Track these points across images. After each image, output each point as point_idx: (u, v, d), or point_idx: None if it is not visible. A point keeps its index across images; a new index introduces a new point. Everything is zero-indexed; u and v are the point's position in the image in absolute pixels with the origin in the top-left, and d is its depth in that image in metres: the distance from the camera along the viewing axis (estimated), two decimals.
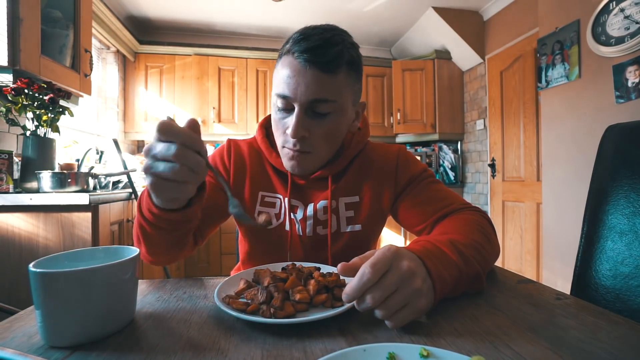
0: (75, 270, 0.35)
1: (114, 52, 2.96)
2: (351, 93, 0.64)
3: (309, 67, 0.58)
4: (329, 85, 0.59)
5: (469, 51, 3.16)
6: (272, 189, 0.74)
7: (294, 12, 3.12)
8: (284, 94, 0.60)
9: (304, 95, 0.58)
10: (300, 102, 0.59)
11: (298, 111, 0.60)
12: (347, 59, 0.60)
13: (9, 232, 1.28)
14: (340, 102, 0.61)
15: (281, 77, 0.61)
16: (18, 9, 1.35)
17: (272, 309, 0.40)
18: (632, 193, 0.57)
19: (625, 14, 1.65)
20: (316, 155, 0.65)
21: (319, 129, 0.62)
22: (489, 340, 0.36)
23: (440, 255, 0.46)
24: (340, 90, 0.61)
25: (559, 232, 2.04)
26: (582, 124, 1.89)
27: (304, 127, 0.61)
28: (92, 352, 0.34)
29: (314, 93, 0.58)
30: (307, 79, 0.58)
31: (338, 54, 0.58)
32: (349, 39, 0.63)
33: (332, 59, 0.58)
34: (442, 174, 3.51)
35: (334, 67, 0.58)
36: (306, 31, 0.60)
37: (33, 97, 1.42)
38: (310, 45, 0.57)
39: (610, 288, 0.56)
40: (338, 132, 0.65)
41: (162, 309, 0.45)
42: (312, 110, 0.61)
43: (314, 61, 0.57)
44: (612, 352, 0.33)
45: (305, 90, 0.58)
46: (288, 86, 0.59)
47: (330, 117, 0.62)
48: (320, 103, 0.60)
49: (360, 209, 0.73)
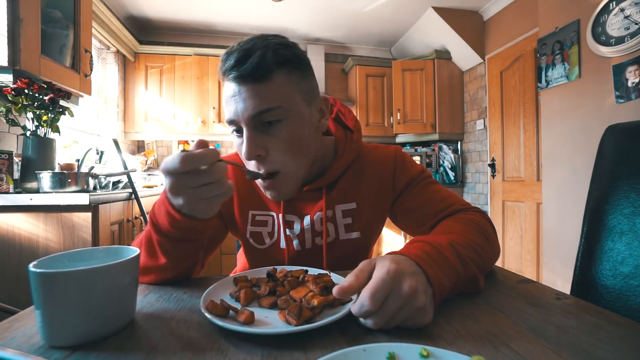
0: (75, 270, 0.35)
1: (114, 52, 2.96)
2: (298, 93, 0.59)
3: (239, 82, 0.56)
4: (266, 93, 0.56)
5: (469, 51, 3.16)
6: (262, 206, 0.72)
7: (294, 12, 3.12)
8: (230, 118, 0.58)
9: (246, 112, 0.56)
10: (245, 121, 0.56)
11: (246, 130, 0.57)
12: (277, 60, 0.56)
13: (9, 232, 1.28)
14: (287, 106, 0.57)
15: (225, 103, 0.59)
16: (18, 9, 1.35)
17: (290, 317, 0.39)
18: (632, 193, 0.57)
19: (625, 14, 1.65)
20: (288, 174, 0.61)
21: (276, 142, 0.58)
22: (489, 340, 0.36)
23: (440, 259, 0.45)
24: (281, 94, 0.57)
25: (559, 232, 2.04)
26: (582, 124, 1.89)
27: (257, 145, 0.57)
28: (92, 352, 0.34)
29: (254, 107, 0.55)
30: (243, 95, 0.56)
31: (260, 60, 0.55)
32: (275, 40, 0.59)
33: (257, 66, 0.55)
34: (442, 174, 3.51)
35: (264, 72, 0.55)
36: (229, 49, 0.58)
37: (33, 97, 1.42)
38: (233, 61, 0.56)
39: (610, 288, 0.56)
40: (299, 139, 0.60)
41: (162, 309, 0.45)
42: (261, 123, 0.57)
43: (241, 76, 0.55)
44: (612, 352, 0.33)
45: (244, 107, 0.55)
46: (230, 109, 0.57)
47: (282, 124, 0.58)
48: (264, 114, 0.56)
49: (358, 216, 0.71)
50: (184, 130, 3.19)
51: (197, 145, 0.44)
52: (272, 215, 0.71)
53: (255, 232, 0.72)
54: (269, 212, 0.71)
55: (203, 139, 0.45)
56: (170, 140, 3.40)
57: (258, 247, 0.72)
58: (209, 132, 3.22)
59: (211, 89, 3.22)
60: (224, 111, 0.60)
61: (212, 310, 0.40)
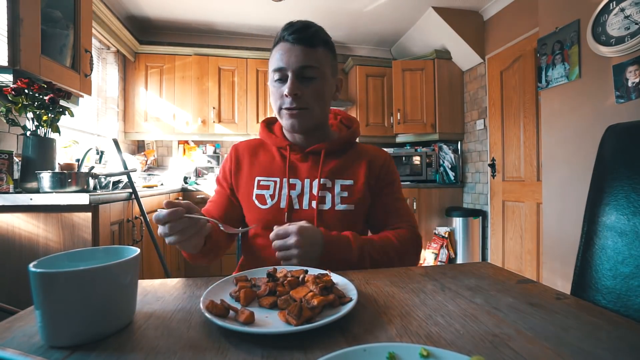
0: (75, 270, 0.35)
1: (114, 52, 2.96)
2: (329, 65, 0.83)
3: (296, 43, 0.77)
4: (312, 55, 0.78)
5: (469, 51, 3.16)
6: (268, 172, 0.86)
7: (294, 12, 3.12)
8: (280, 66, 0.78)
9: (295, 63, 0.77)
10: (292, 69, 0.77)
11: (291, 76, 0.77)
12: (324, 39, 0.81)
13: (9, 232, 1.28)
14: (322, 70, 0.79)
15: (275, 57, 0.79)
16: (18, 9, 1.35)
17: (290, 317, 0.39)
18: (632, 193, 0.57)
19: (626, 14, 1.65)
20: (311, 112, 0.80)
21: (308, 89, 0.78)
22: (489, 340, 0.36)
23: (342, 238, 0.72)
24: (321, 60, 0.79)
25: (559, 232, 2.04)
26: (582, 124, 1.89)
27: (298, 87, 0.77)
28: (92, 352, 0.34)
29: (302, 61, 0.77)
30: (296, 52, 0.77)
31: (316, 33, 0.79)
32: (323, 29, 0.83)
33: (312, 36, 0.78)
34: (442, 174, 3.50)
35: (315, 42, 0.78)
36: (291, 22, 0.80)
37: (33, 97, 1.42)
38: (294, 27, 0.78)
39: (610, 288, 0.56)
40: (324, 93, 0.81)
41: (162, 309, 0.45)
42: (301, 75, 0.78)
43: (299, 38, 0.77)
44: (612, 352, 0.33)
45: (295, 60, 0.77)
46: (282, 60, 0.78)
47: (316, 81, 0.79)
48: (307, 69, 0.77)
49: (354, 191, 0.84)
50: (184, 130, 3.19)
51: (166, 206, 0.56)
52: (276, 180, 0.85)
53: (259, 194, 0.85)
54: (274, 177, 0.85)
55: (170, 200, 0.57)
56: (170, 140, 3.40)
57: (261, 208, 0.83)
58: (208, 132, 3.22)
59: (211, 89, 3.22)
60: (272, 64, 0.80)
61: (212, 310, 0.40)
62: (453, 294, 0.50)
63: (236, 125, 3.27)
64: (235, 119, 3.28)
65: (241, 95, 3.29)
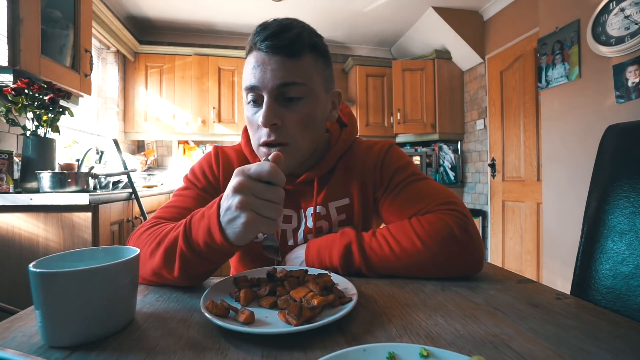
0: (75, 270, 0.35)
1: (114, 52, 2.96)
2: (320, 79, 0.63)
3: (272, 53, 0.58)
4: (295, 68, 0.59)
5: (469, 51, 3.16)
6: None
7: (294, 12, 3.12)
8: (252, 84, 0.59)
9: (271, 81, 0.58)
10: (268, 89, 0.58)
11: (267, 98, 0.58)
12: (310, 43, 0.61)
13: (9, 232, 1.28)
14: (310, 86, 0.60)
15: (247, 71, 0.61)
16: (18, 9, 1.35)
17: (290, 317, 0.39)
18: (632, 193, 0.57)
19: (625, 14, 1.65)
20: (295, 147, 0.62)
21: (292, 116, 0.60)
22: (489, 340, 0.36)
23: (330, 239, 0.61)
24: (307, 73, 0.60)
25: (559, 232, 2.04)
26: (582, 124, 1.89)
27: (275, 114, 0.58)
28: (92, 352, 0.34)
29: (281, 77, 0.58)
30: (272, 65, 0.58)
31: (297, 37, 0.59)
32: (310, 28, 0.64)
33: (293, 42, 0.58)
34: (442, 174, 3.51)
35: (297, 50, 0.59)
36: (264, 23, 0.61)
37: (33, 97, 1.42)
38: (269, 32, 0.58)
39: (610, 288, 0.56)
40: (313, 118, 0.62)
41: (162, 309, 0.45)
42: (282, 96, 0.60)
43: (275, 46, 0.57)
44: (612, 352, 0.33)
45: (272, 76, 0.58)
46: (254, 76, 0.59)
47: (302, 102, 0.60)
48: (288, 87, 0.58)
49: (352, 211, 0.70)
50: (184, 130, 3.19)
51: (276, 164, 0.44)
52: None
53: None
54: None
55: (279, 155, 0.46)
56: (170, 140, 3.40)
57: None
58: (209, 132, 3.22)
59: (211, 88, 3.22)
60: (244, 79, 0.62)
61: (212, 310, 0.40)
62: (453, 294, 0.50)
63: (236, 125, 3.27)
64: (235, 119, 3.28)
65: (241, 95, 3.28)
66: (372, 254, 0.58)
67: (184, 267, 0.50)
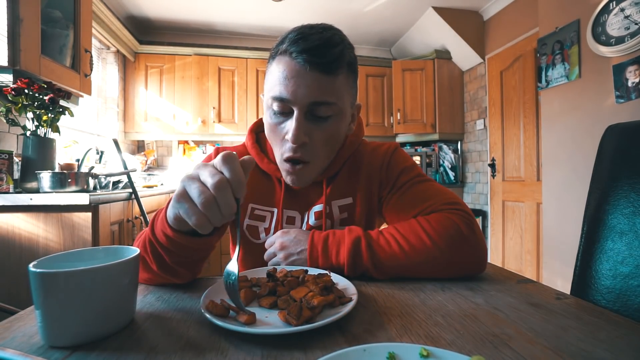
0: (75, 270, 0.35)
1: (114, 52, 2.96)
2: (350, 95, 0.62)
3: (309, 68, 0.55)
4: (330, 87, 0.56)
5: (469, 51, 3.16)
6: (263, 200, 0.71)
7: (294, 12, 3.12)
8: (282, 97, 0.56)
9: (305, 98, 0.56)
10: (300, 105, 0.56)
11: (298, 115, 0.56)
12: (348, 61, 0.59)
13: (9, 232, 1.28)
14: (341, 105, 0.59)
15: (277, 79, 0.57)
16: (18, 9, 1.35)
17: (290, 317, 0.39)
18: (632, 193, 0.57)
19: (625, 14, 1.65)
20: (315, 165, 0.63)
21: (319, 134, 0.59)
22: (489, 340, 0.36)
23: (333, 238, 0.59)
24: (341, 92, 0.59)
25: (559, 232, 2.04)
26: (582, 124, 1.89)
27: (305, 132, 0.57)
28: (92, 352, 0.34)
29: (315, 95, 0.56)
30: (307, 81, 0.55)
31: (339, 55, 0.56)
32: (347, 40, 0.61)
33: (334, 60, 0.56)
34: (442, 174, 3.51)
35: (335, 68, 0.56)
36: (303, 30, 0.57)
37: (33, 97, 1.42)
38: (309, 45, 0.54)
39: (610, 288, 0.56)
40: (337, 136, 0.63)
41: (162, 309, 0.45)
42: (311, 113, 0.58)
43: (314, 62, 0.54)
44: (612, 352, 0.33)
45: (306, 93, 0.55)
46: (286, 88, 0.56)
47: (330, 120, 0.59)
48: (320, 106, 0.57)
49: (354, 211, 0.70)
50: (184, 130, 3.19)
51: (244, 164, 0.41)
52: (272, 211, 0.71)
53: (251, 225, 0.71)
54: (270, 207, 0.71)
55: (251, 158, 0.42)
56: (170, 140, 3.40)
57: (254, 242, 0.72)
58: (209, 132, 3.22)
59: (211, 89, 3.22)
60: (272, 87, 0.58)
61: (212, 310, 0.40)
62: (453, 294, 0.50)
63: (236, 125, 3.27)
64: (235, 119, 3.28)
65: (241, 95, 3.29)
66: (380, 251, 0.56)
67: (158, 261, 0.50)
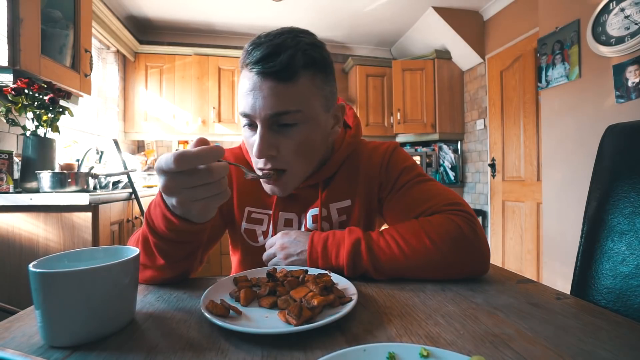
0: (75, 270, 0.35)
1: (114, 52, 2.96)
2: (319, 98, 0.59)
3: (263, 79, 0.54)
4: (289, 95, 0.55)
5: (469, 51, 3.16)
6: (259, 203, 0.71)
7: (294, 12, 3.12)
8: (245, 112, 0.56)
9: (263, 110, 0.54)
10: (261, 118, 0.55)
11: (260, 128, 0.56)
12: (305, 62, 0.55)
13: (9, 232, 1.28)
14: (307, 111, 0.57)
15: (241, 93, 0.57)
16: (18, 9, 1.35)
17: (290, 317, 0.39)
18: (632, 193, 0.57)
19: (626, 14, 1.65)
20: (292, 172, 0.61)
21: (288, 142, 0.58)
22: (489, 340, 0.36)
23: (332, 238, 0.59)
24: (303, 98, 0.56)
25: (559, 232, 2.04)
26: (582, 124, 1.89)
27: (270, 144, 0.57)
28: (92, 352, 0.34)
29: (273, 106, 0.54)
30: (264, 92, 0.54)
31: (290, 60, 0.53)
32: (307, 39, 0.57)
33: (285, 67, 0.53)
34: (442, 174, 3.51)
35: (290, 74, 0.54)
36: (257, 40, 0.56)
37: (33, 97, 1.42)
38: (260, 54, 0.53)
39: (610, 288, 0.56)
40: (311, 143, 0.60)
41: (162, 309, 0.45)
42: (276, 124, 0.57)
43: (266, 72, 0.53)
44: (612, 352, 0.33)
45: (264, 105, 0.54)
46: (247, 102, 0.56)
47: (298, 128, 0.57)
48: (282, 115, 0.55)
49: (353, 213, 0.70)
50: (184, 130, 3.19)
51: (196, 144, 0.41)
52: (269, 214, 0.70)
53: (249, 229, 0.71)
54: (266, 210, 0.71)
55: (204, 137, 0.43)
56: (170, 140, 3.40)
57: (252, 245, 0.72)
58: (209, 132, 3.22)
59: (211, 88, 3.22)
60: (239, 102, 0.59)
61: (212, 310, 0.40)
62: (453, 294, 0.50)
63: (236, 125, 3.27)
64: (235, 119, 3.27)
65: None
66: (380, 253, 0.55)
67: (163, 255, 0.51)
